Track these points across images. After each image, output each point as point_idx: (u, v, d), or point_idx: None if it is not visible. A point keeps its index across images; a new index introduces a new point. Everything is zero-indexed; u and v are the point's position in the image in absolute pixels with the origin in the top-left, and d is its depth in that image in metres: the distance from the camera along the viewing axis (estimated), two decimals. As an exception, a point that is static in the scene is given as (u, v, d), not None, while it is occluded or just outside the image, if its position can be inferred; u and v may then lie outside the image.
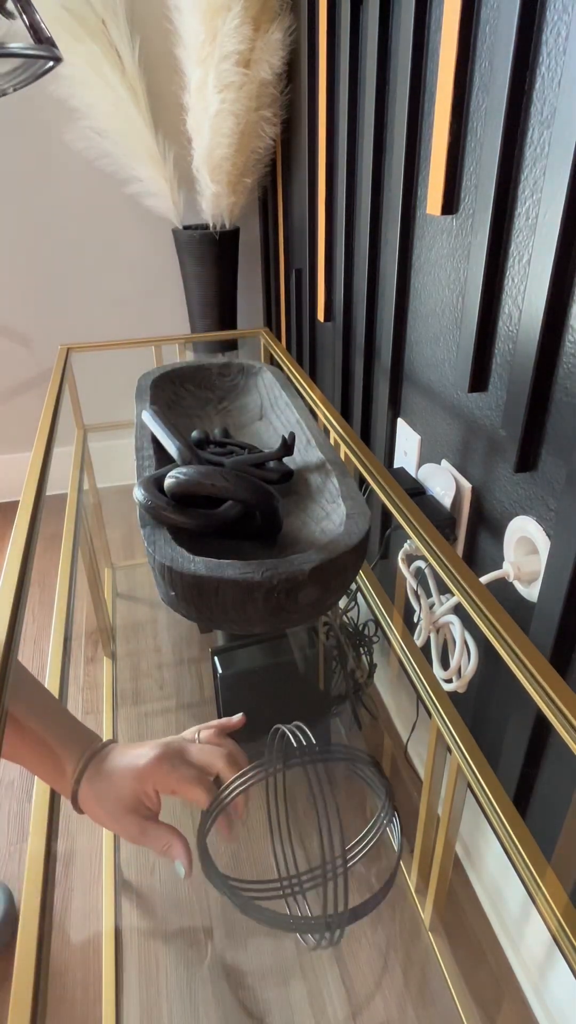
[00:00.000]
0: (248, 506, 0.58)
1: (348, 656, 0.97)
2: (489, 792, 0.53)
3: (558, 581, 0.57)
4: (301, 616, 0.53)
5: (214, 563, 0.49)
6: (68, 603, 0.67)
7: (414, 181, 0.76)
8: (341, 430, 0.78)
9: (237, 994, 0.77)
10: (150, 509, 0.56)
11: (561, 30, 0.49)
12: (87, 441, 1.16)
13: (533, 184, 0.55)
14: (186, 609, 0.53)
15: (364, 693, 1.03)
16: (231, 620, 0.52)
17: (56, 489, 0.74)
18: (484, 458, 0.70)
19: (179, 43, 1.18)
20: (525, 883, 0.49)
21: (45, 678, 0.58)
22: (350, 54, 0.85)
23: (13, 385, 1.72)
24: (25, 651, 1.31)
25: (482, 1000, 0.77)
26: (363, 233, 0.90)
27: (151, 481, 0.59)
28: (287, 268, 1.40)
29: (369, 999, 0.77)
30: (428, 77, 0.69)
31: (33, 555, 0.55)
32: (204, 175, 1.29)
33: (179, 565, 0.49)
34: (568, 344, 0.54)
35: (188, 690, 1.17)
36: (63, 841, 0.94)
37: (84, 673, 1.25)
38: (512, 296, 0.60)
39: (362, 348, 0.98)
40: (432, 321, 0.77)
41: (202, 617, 0.53)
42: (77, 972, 0.80)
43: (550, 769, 0.67)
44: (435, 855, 0.71)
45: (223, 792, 0.58)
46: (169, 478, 0.57)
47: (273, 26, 1.11)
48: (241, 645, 0.86)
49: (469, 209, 0.65)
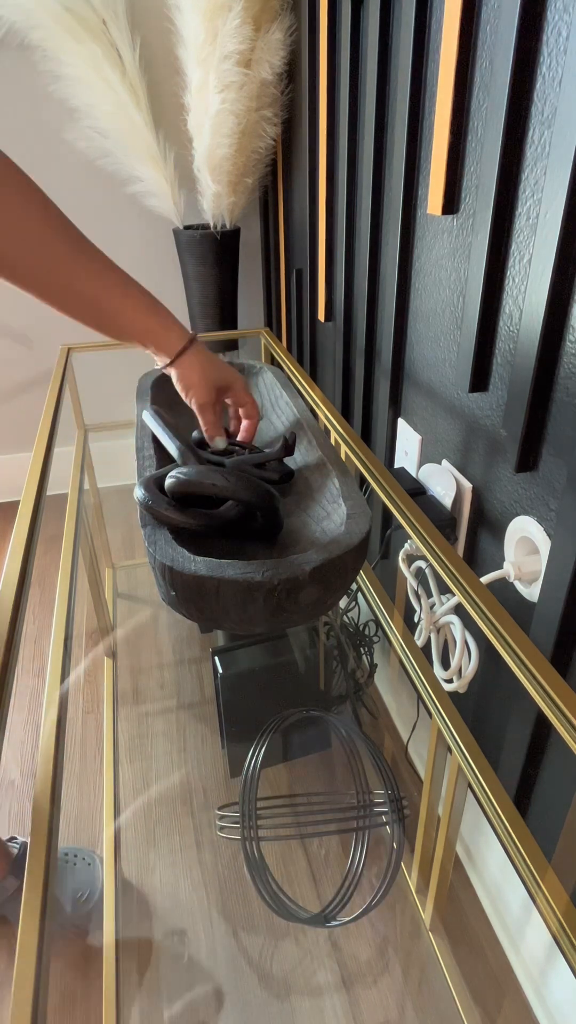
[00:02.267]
0: (249, 506, 0.58)
1: (349, 656, 0.97)
2: (489, 792, 0.53)
3: (559, 581, 0.57)
4: (302, 616, 0.53)
5: (215, 563, 0.49)
6: (68, 603, 0.67)
7: (415, 181, 0.76)
8: (342, 430, 0.78)
9: (237, 994, 0.77)
10: (151, 509, 0.56)
11: (562, 30, 0.49)
12: (88, 441, 1.16)
13: (534, 184, 0.55)
14: (187, 609, 0.53)
15: (365, 693, 1.03)
16: (232, 620, 0.52)
17: (57, 489, 0.74)
18: (485, 458, 0.70)
19: (180, 43, 1.18)
20: (525, 883, 0.49)
21: (46, 678, 0.58)
22: (351, 54, 0.85)
23: (14, 385, 1.72)
24: (25, 651, 1.31)
25: (482, 1000, 0.77)
26: (364, 233, 0.90)
27: (152, 481, 0.59)
28: (288, 268, 1.40)
29: (370, 999, 0.77)
30: (429, 77, 0.69)
31: (34, 555, 0.55)
32: (205, 175, 1.29)
33: (180, 565, 0.49)
34: (569, 344, 0.54)
35: (188, 690, 1.17)
36: (63, 841, 0.94)
37: (85, 673, 1.26)
38: (513, 296, 0.60)
39: (363, 348, 0.98)
40: (433, 321, 0.77)
41: (203, 617, 0.53)
42: (78, 971, 0.80)
43: (551, 769, 0.67)
44: (436, 855, 0.71)
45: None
46: (169, 478, 0.57)
47: (274, 26, 1.11)
48: (242, 645, 0.86)
49: (470, 209, 0.65)
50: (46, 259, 0.55)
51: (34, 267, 0.55)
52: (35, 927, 0.39)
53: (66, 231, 0.56)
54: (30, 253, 0.54)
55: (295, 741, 0.96)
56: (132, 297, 0.61)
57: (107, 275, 0.59)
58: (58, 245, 0.55)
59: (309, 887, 0.87)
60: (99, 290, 0.58)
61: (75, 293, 0.57)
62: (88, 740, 1.11)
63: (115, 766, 1.03)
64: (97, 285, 0.58)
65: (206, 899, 0.86)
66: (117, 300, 0.60)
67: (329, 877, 0.88)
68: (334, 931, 0.82)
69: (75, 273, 0.56)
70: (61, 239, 0.55)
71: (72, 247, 0.56)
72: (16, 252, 0.53)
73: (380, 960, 0.80)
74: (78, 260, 0.56)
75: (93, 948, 0.82)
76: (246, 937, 0.82)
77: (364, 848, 0.72)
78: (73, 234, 0.56)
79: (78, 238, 0.57)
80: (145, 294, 0.62)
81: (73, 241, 0.56)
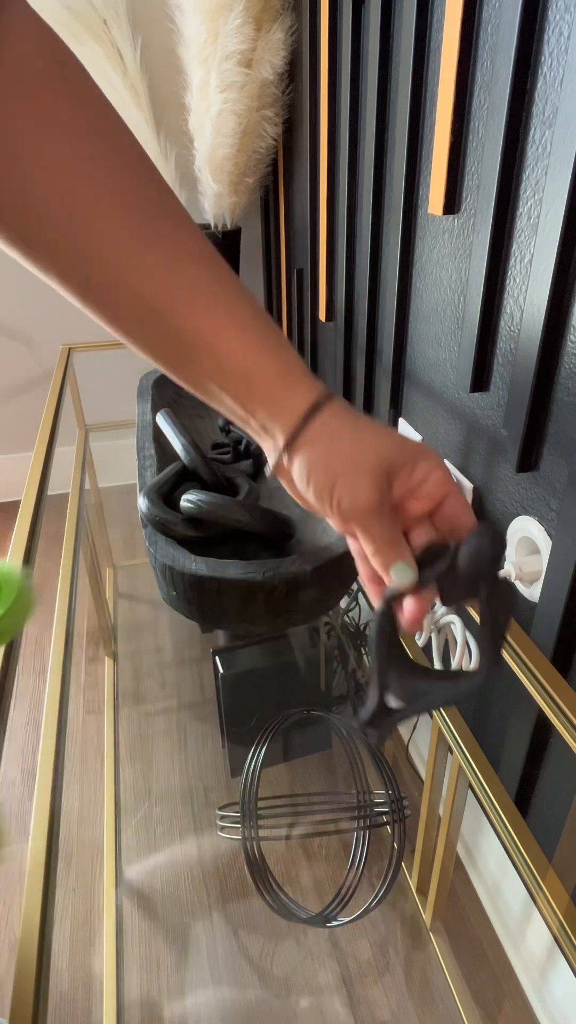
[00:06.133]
0: (266, 538, 0.58)
1: (349, 656, 0.97)
2: (490, 792, 0.53)
3: (560, 581, 0.57)
4: (302, 616, 0.53)
5: (215, 563, 0.49)
6: (69, 603, 0.67)
7: (415, 181, 0.76)
8: (342, 430, 0.77)
9: (238, 993, 0.77)
10: (155, 523, 0.55)
11: (563, 29, 0.49)
12: (88, 441, 1.16)
13: (535, 184, 0.55)
14: (187, 609, 0.53)
15: (365, 693, 1.03)
16: (232, 620, 0.52)
17: (57, 489, 0.74)
18: (486, 458, 0.70)
19: (181, 43, 1.18)
20: (526, 883, 0.49)
21: (46, 678, 0.58)
22: (352, 54, 0.85)
23: (14, 385, 1.72)
24: (26, 651, 1.31)
25: (483, 1000, 0.77)
26: (364, 233, 0.90)
27: (154, 490, 0.59)
28: (288, 268, 1.40)
29: (370, 999, 0.77)
30: (429, 76, 0.69)
31: (35, 555, 0.55)
32: (206, 175, 1.29)
33: (180, 565, 0.49)
34: (570, 344, 0.54)
35: (189, 690, 1.17)
36: (63, 841, 0.94)
37: (85, 673, 1.26)
38: (514, 296, 0.60)
39: (363, 348, 0.98)
40: (433, 321, 0.77)
41: (203, 617, 0.53)
42: (78, 972, 0.80)
43: (551, 769, 0.67)
44: (436, 855, 0.71)
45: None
46: (186, 502, 0.56)
47: (275, 26, 1.11)
48: (242, 645, 0.86)
49: (471, 209, 0.65)
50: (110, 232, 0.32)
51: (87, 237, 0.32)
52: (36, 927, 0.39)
53: (147, 190, 0.33)
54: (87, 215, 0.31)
55: (296, 741, 0.96)
56: (227, 312, 0.34)
57: (190, 270, 0.33)
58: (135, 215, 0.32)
59: (309, 887, 0.87)
60: (168, 289, 0.33)
61: (128, 290, 0.33)
62: (88, 740, 1.11)
63: (116, 766, 1.03)
64: (167, 282, 0.33)
65: (206, 899, 0.86)
66: (203, 315, 0.33)
67: (329, 877, 0.88)
68: (334, 931, 0.82)
69: (141, 256, 0.32)
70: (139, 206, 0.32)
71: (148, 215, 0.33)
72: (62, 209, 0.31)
73: (381, 960, 0.80)
74: (148, 233, 0.32)
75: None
76: (246, 937, 0.82)
77: (364, 848, 0.72)
78: (154, 200, 0.33)
79: (161, 206, 0.34)
80: (254, 313, 0.35)
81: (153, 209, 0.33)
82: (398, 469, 0.34)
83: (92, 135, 0.32)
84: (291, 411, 0.34)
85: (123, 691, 1.19)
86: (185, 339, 0.34)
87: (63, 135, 0.31)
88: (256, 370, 0.34)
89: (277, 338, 0.35)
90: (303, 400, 0.34)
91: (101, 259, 0.32)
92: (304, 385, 0.34)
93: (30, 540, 0.55)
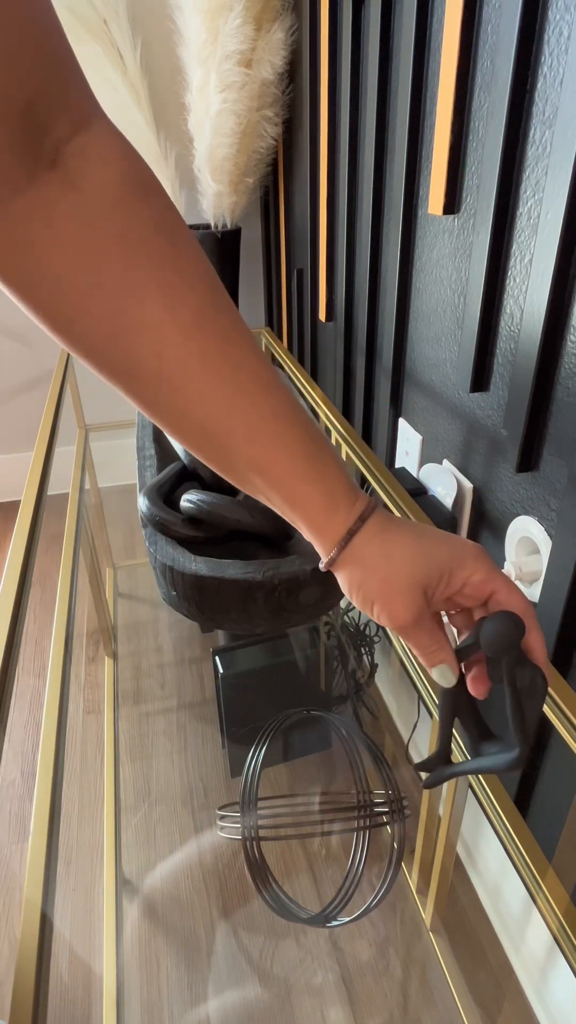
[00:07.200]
0: (266, 538, 0.58)
1: (349, 656, 0.97)
2: (490, 792, 0.53)
3: (559, 581, 0.57)
4: (302, 616, 0.53)
5: (215, 563, 0.49)
6: (69, 603, 0.67)
7: (416, 181, 0.76)
8: (343, 430, 0.78)
9: (238, 993, 0.77)
10: (156, 523, 0.55)
11: (563, 29, 0.49)
12: (88, 441, 1.16)
13: (535, 184, 0.55)
14: (187, 609, 0.53)
15: (365, 693, 1.03)
16: (232, 620, 0.52)
17: (57, 489, 0.74)
18: (486, 458, 0.70)
19: (181, 43, 1.18)
20: (526, 883, 0.49)
21: (46, 678, 0.58)
22: (352, 53, 0.85)
23: (14, 385, 1.72)
24: (26, 651, 1.31)
25: (483, 1000, 0.77)
26: (365, 233, 0.90)
27: (154, 490, 0.59)
28: (289, 268, 1.40)
29: (370, 999, 0.77)
30: (430, 77, 0.69)
31: (34, 555, 0.55)
32: (206, 175, 1.29)
33: (180, 565, 0.49)
34: (570, 344, 0.54)
35: (189, 690, 1.17)
36: (63, 841, 0.94)
37: (85, 673, 1.26)
38: (514, 296, 0.60)
39: (363, 348, 0.98)
40: (434, 321, 0.77)
41: (203, 617, 0.53)
42: (78, 972, 0.80)
43: (551, 769, 0.67)
44: (436, 855, 0.71)
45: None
46: (186, 502, 0.56)
47: (275, 26, 1.11)
48: (242, 645, 0.86)
49: (471, 209, 0.65)
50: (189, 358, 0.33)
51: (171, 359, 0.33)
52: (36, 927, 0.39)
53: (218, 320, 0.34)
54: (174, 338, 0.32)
55: (295, 741, 0.96)
56: (282, 446, 0.35)
57: (253, 403, 0.34)
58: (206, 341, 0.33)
59: (309, 887, 0.87)
60: (229, 421, 0.34)
61: (192, 416, 0.35)
62: (89, 740, 1.11)
63: (116, 766, 1.03)
64: (230, 416, 0.34)
65: (206, 899, 0.86)
66: (258, 447, 0.35)
67: (329, 877, 0.88)
68: (334, 931, 0.82)
69: (204, 383, 0.33)
70: (210, 330, 0.33)
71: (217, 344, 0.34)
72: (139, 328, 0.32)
73: (381, 960, 0.80)
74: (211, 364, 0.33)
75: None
76: (246, 937, 0.82)
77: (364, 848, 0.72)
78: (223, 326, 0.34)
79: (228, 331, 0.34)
80: (305, 436, 0.35)
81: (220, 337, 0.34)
82: (434, 582, 0.36)
83: (170, 261, 0.33)
84: (329, 536, 0.36)
85: (123, 691, 1.19)
86: (236, 461, 0.36)
87: (144, 268, 0.32)
88: (300, 499, 0.36)
89: (326, 460, 0.36)
90: (341, 525, 0.36)
91: (172, 387, 0.34)
92: (344, 509, 0.36)
93: (30, 540, 0.55)
